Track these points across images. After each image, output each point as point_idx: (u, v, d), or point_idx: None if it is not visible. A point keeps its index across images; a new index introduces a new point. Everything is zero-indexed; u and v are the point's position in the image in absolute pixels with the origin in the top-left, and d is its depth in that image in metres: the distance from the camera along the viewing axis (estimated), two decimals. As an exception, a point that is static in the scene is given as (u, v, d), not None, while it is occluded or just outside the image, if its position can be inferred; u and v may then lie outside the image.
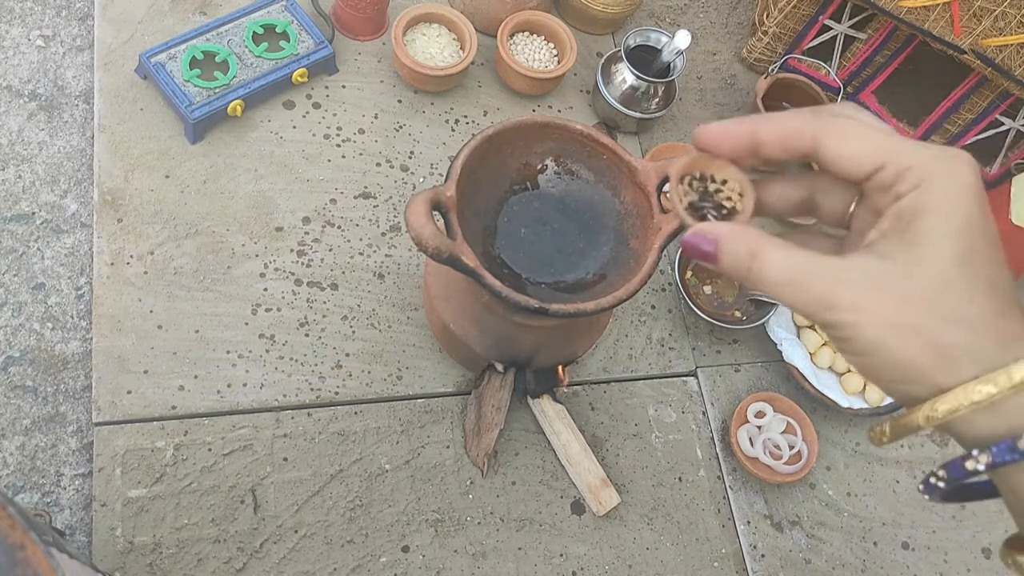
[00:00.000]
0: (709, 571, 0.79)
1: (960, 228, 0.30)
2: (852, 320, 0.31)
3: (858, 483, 0.86)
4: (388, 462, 0.76)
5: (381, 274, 0.83)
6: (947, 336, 0.30)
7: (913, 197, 0.31)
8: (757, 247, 0.33)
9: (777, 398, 0.85)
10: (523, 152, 0.65)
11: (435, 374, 0.80)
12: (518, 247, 0.67)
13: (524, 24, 0.96)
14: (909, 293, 0.31)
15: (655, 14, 1.11)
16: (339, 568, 0.71)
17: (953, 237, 0.30)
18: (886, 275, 0.31)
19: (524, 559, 0.75)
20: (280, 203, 0.84)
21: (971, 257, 0.30)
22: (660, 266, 0.92)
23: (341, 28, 0.94)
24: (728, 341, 0.91)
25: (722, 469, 0.84)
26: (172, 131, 0.83)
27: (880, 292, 0.31)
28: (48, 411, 0.73)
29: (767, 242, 0.33)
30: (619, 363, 0.86)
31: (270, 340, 0.77)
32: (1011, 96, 0.95)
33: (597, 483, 0.77)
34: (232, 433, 0.73)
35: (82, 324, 0.76)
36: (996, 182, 1.05)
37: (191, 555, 0.68)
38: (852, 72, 1.04)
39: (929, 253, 0.30)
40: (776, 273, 0.33)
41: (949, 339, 0.30)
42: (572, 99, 1.00)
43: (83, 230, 0.80)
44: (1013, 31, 0.85)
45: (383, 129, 0.91)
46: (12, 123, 0.83)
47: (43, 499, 0.70)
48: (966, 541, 0.86)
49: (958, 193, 0.30)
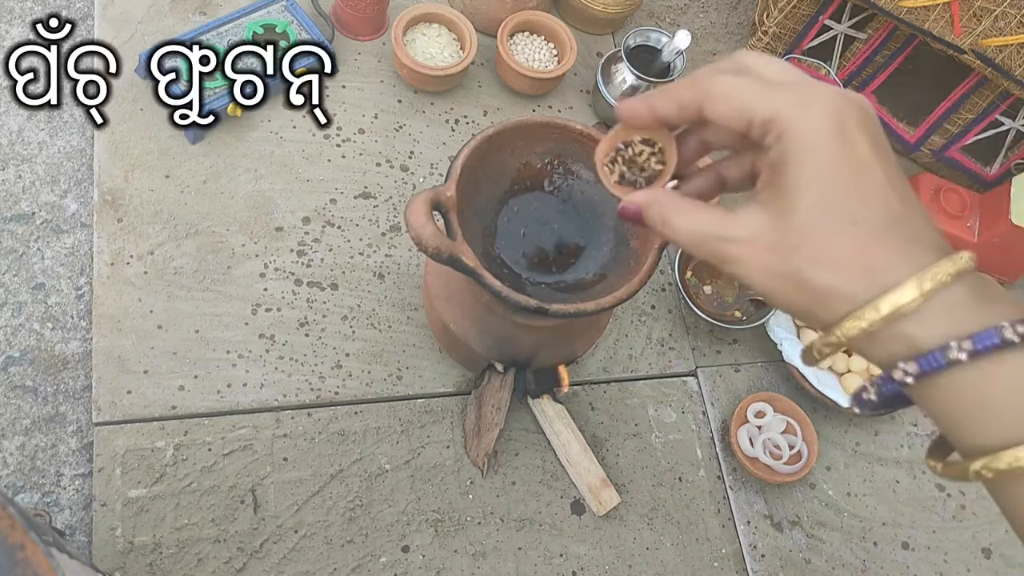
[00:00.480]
0: (709, 571, 0.79)
1: (816, 173, 0.32)
2: (743, 272, 0.34)
3: (858, 483, 0.86)
4: (388, 462, 0.76)
5: (381, 274, 0.83)
6: (815, 278, 0.32)
7: (776, 150, 0.33)
8: (667, 214, 0.37)
9: (777, 398, 0.85)
10: (523, 152, 0.65)
11: (435, 374, 0.80)
12: (518, 247, 0.67)
13: (524, 24, 0.96)
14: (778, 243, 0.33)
15: (655, 14, 1.11)
16: (339, 568, 0.71)
17: (811, 183, 0.32)
18: (762, 227, 0.33)
19: (524, 559, 0.75)
20: (280, 203, 0.84)
21: (831, 199, 0.32)
22: (660, 266, 0.92)
23: (341, 28, 0.94)
24: (728, 341, 0.91)
25: (722, 469, 0.84)
26: (172, 131, 0.83)
27: (757, 245, 0.33)
28: (48, 411, 0.73)
29: (673, 208, 0.37)
30: (619, 363, 0.86)
31: (270, 340, 0.77)
32: (1011, 96, 0.95)
33: (597, 483, 0.77)
34: (232, 433, 0.73)
35: (82, 324, 0.76)
36: (996, 182, 1.05)
37: (191, 555, 0.68)
38: (852, 72, 1.04)
39: (791, 203, 0.32)
40: (682, 236, 0.36)
41: (818, 281, 0.32)
42: (572, 99, 1.00)
43: (83, 230, 0.80)
44: (1013, 31, 0.85)
45: (383, 129, 0.91)
46: (12, 123, 0.83)
47: (43, 499, 0.70)
48: (966, 541, 0.86)
49: (811, 139, 0.32)
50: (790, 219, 0.32)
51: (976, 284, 0.31)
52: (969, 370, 0.30)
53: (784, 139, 0.32)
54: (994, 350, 0.30)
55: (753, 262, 0.34)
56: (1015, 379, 0.30)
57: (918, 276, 0.31)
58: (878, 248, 0.31)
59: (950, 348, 0.30)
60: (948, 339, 0.30)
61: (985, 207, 0.97)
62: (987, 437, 0.31)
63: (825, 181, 0.32)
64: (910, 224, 0.32)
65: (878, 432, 0.90)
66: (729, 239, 0.34)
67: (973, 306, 0.31)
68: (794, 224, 0.32)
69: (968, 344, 0.30)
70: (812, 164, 0.32)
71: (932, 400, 0.32)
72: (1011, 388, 0.30)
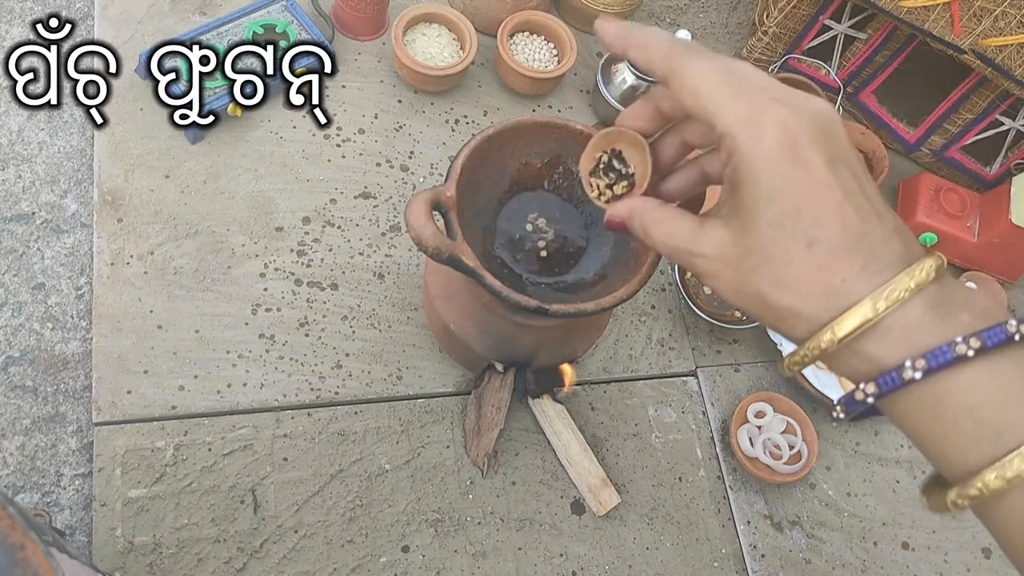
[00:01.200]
0: (709, 571, 0.79)
1: (768, 195, 0.31)
2: (714, 286, 0.35)
3: (858, 483, 0.86)
4: (388, 462, 0.76)
5: (381, 274, 0.83)
6: (776, 299, 0.32)
7: (730, 168, 0.33)
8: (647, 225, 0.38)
9: (777, 398, 0.85)
10: (523, 152, 0.65)
11: (435, 374, 0.80)
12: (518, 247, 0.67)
13: (524, 24, 0.96)
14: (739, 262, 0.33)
15: (655, 14, 1.11)
16: (339, 568, 0.71)
17: (764, 205, 0.31)
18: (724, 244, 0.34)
19: (524, 559, 0.75)
20: (280, 203, 0.84)
21: (783, 221, 0.31)
22: (660, 266, 0.92)
23: (341, 28, 0.94)
24: (728, 341, 0.91)
25: (722, 469, 0.84)
26: (172, 131, 0.83)
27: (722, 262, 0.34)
28: (48, 411, 0.73)
29: (652, 219, 0.37)
30: (619, 363, 0.86)
31: (270, 340, 0.77)
32: (1011, 96, 0.95)
33: (597, 483, 0.77)
34: (232, 433, 0.73)
35: (82, 324, 0.76)
36: (996, 182, 1.05)
37: (191, 555, 0.68)
38: (852, 72, 1.04)
39: (746, 223, 0.32)
40: (661, 247, 0.37)
41: (779, 302, 0.32)
42: (572, 99, 1.00)
43: (83, 230, 0.80)
44: (1013, 31, 0.85)
45: (383, 129, 0.91)
46: (12, 123, 0.83)
47: (43, 499, 0.70)
48: (966, 541, 0.86)
49: (759, 161, 0.31)
50: (748, 239, 0.32)
51: (938, 296, 0.30)
52: (926, 388, 0.30)
53: (735, 158, 0.32)
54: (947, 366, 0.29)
55: (722, 278, 0.34)
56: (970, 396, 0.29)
57: (873, 295, 0.30)
58: (834, 268, 0.31)
59: (904, 367, 0.30)
60: (904, 357, 0.30)
61: (985, 207, 0.97)
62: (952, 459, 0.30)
63: (776, 204, 0.31)
64: (869, 240, 0.31)
65: (878, 432, 0.90)
66: (699, 255, 0.34)
67: (931, 321, 0.30)
68: (751, 245, 0.32)
69: (922, 362, 0.29)
70: (763, 186, 0.31)
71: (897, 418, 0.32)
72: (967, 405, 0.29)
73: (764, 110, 0.32)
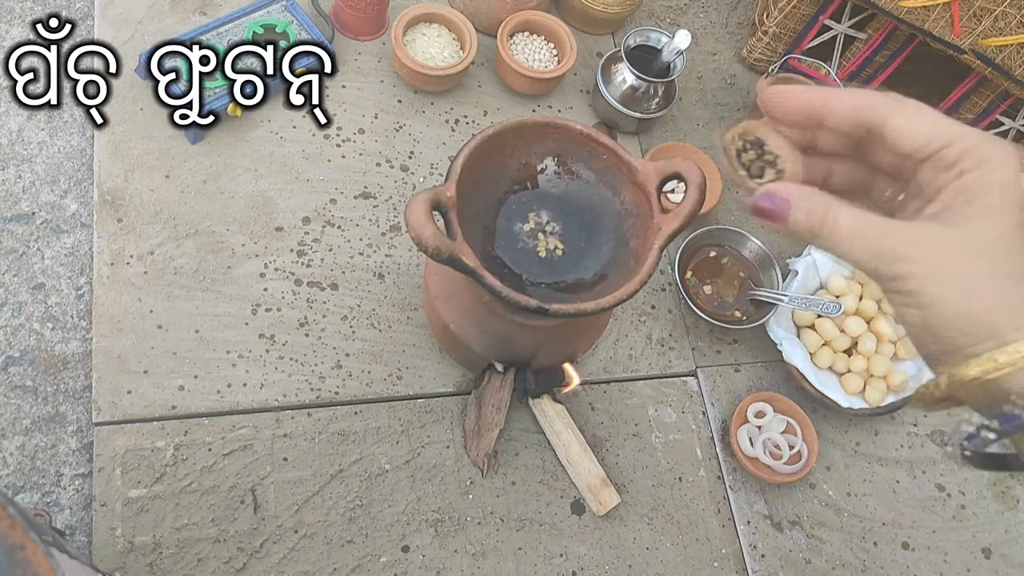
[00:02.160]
0: (709, 571, 0.79)
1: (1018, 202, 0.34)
2: (920, 271, 0.33)
3: (858, 483, 0.86)
4: (388, 462, 0.76)
5: (381, 274, 0.83)
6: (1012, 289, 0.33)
7: (976, 175, 0.34)
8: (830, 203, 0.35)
9: (777, 398, 0.85)
10: (523, 152, 0.65)
11: (435, 374, 0.80)
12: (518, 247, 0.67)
13: (524, 24, 0.96)
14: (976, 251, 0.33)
15: (655, 14, 1.11)
16: (339, 568, 0.71)
17: (1014, 209, 0.34)
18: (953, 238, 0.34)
19: (524, 559, 0.75)
20: (280, 203, 0.84)
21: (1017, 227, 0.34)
22: (660, 266, 0.92)
23: (341, 28, 0.94)
24: (728, 341, 0.91)
25: (722, 469, 0.84)
26: (172, 131, 0.83)
27: (948, 249, 0.33)
28: (48, 411, 0.73)
29: (837, 200, 0.35)
30: (619, 363, 0.86)
31: (270, 340, 0.77)
32: (1011, 96, 0.95)
33: (597, 483, 0.77)
34: (232, 433, 0.73)
35: (82, 324, 0.76)
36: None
37: (191, 555, 0.68)
38: (852, 72, 1.04)
39: (996, 221, 0.33)
40: (848, 227, 0.35)
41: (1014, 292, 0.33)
42: (572, 99, 1.00)
43: (83, 230, 0.80)
44: (1013, 31, 0.85)
45: (383, 129, 0.91)
46: (12, 123, 0.83)
47: (43, 499, 0.70)
48: (966, 541, 0.86)
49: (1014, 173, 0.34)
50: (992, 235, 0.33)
51: None
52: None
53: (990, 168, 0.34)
54: None
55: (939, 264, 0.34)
56: None
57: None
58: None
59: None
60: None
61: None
62: None
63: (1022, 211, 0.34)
64: None
65: (878, 432, 0.90)
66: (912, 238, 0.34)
67: None
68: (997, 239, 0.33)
69: None
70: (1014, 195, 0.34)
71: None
72: None
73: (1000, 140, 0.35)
